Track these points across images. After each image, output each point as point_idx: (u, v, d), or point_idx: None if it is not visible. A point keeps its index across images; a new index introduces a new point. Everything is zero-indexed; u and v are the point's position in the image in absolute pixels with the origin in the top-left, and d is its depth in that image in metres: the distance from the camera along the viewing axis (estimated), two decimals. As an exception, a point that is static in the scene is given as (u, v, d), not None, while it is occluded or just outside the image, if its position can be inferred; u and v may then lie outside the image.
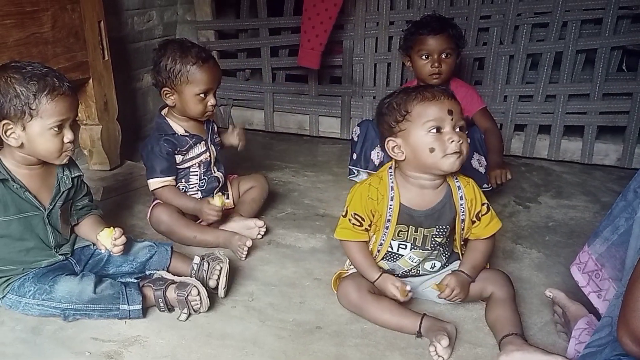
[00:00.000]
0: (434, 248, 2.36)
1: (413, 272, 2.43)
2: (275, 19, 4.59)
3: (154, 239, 2.79)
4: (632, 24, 3.90)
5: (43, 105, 2.13)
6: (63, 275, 2.29)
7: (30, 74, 2.14)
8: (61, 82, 2.18)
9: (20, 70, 2.14)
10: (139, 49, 4.30)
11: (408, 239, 2.35)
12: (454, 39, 3.37)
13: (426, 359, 2.13)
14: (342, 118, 4.62)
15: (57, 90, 2.16)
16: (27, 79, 2.12)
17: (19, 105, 2.11)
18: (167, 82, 2.88)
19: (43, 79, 2.14)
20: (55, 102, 2.15)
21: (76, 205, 2.49)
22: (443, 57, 3.32)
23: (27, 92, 2.11)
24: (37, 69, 2.17)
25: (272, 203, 3.35)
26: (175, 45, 2.92)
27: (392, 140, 2.25)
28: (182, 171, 3.02)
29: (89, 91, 3.46)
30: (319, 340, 2.22)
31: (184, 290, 2.27)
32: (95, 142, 3.57)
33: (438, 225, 2.31)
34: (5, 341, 2.18)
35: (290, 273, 2.69)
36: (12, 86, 2.11)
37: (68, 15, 3.20)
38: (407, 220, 2.31)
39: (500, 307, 2.27)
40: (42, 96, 2.12)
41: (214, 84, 2.91)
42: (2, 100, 2.12)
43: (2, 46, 2.81)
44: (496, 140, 3.45)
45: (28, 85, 2.11)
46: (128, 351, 2.14)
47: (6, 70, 2.16)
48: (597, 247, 2.01)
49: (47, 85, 2.14)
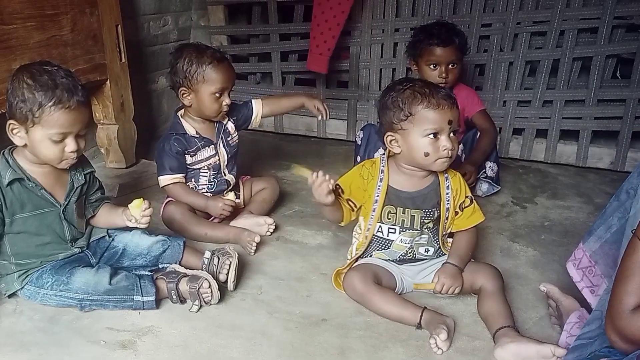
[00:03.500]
0: (422, 229, 2.38)
1: (409, 256, 2.44)
2: (285, 25, 4.59)
3: (167, 233, 2.80)
4: (626, 33, 3.90)
5: (46, 115, 2.09)
6: (80, 267, 2.29)
7: (43, 82, 2.09)
8: (70, 96, 2.11)
9: (35, 76, 2.10)
10: (154, 52, 4.31)
11: (397, 222, 2.38)
12: (460, 48, 3.40)
13: (426, 351, 2.13)
14: (349, 120, 4.62)
15: (63, 104, 2.09)
16: (37, 87, 2.08)
17: (23, 110, 2.09)
18: (184, 82, 2.88)
19: (53, 90, 2.08)
20: (58, 115, 2.10)
21: (89, 199, 2.48)
22: (450, 67, 3.35)
23: (33, 99, 2.07)
24: (53, 76, 2.11)
25: (280, 201, 3.35)
26: (191, 47, 2.93)
27: (392, 135, 2.29)
28: (192, 172, 3.02)
29: (106, 92, 3.47)
30: (325, 332, 2.22)
31: (196, 282, 2.27)
32: (112, 141, 3.58)
33: (425, 209, 2.35)
34: (24, 330, 2.18)
35: (297, 268, 2.69)
36: (22, 90, 2.08)
37: (87, 19, 3.21)
38: (395, 201, 2.36)
39: (491, 300, 2.28)
40: (47, 107, 2.08)
41: (229, 83, 2.91)
42: (12, 100, 2.12)
43: (24, 47, 2.82)
44: (487, 142, 3.48)
45: (36, 93, 2.07)
46: (142, 340, 2.14)
47: (24, 71, 2.13)
48: (591, 245, 2.02)
49: (54, 97, 2.08)
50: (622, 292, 1.52)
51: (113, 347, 2.10)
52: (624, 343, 1.53)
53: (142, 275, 2.33)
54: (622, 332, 1.52)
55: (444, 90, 2.26)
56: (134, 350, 2.09)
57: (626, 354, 1.53)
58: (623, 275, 1.54)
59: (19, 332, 2.17)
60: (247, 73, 4.86)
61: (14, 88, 2.11)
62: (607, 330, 1.58)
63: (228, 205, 2.94)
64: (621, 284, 1.54)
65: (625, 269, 1.54)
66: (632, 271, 1.52)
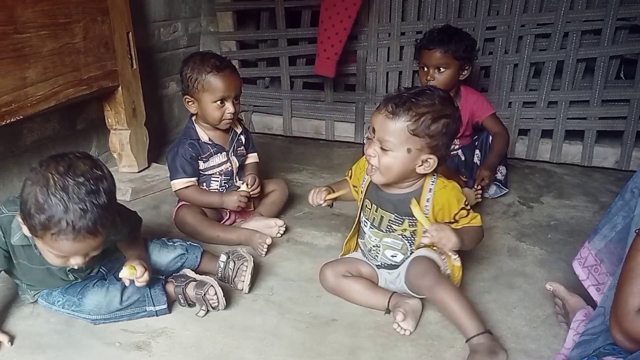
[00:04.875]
0: (389, 232, 2.34)
1: (374, 253, 2.42)
2: (293, 30, 4.60)
3: (180, 236, 2.82)
4: (629, 34, 3.88)
5: (48, 239, 1.84)
6: (91, 286, 2.25)
7: (53, 203, 1.78)
8: (69, 226, 1.80)
9: (50, 190, 1.79)
10: (165, 58, 4.32)
11: (369, 217, 2.39)
12: (454, 54, 3.34)
13: (435, 349, 2.14)
14: (356, 123, 4.63)
15: (67, 235, 1.82)
16: (44, 208, 1.79)
17: (29, 220, 1.84)
18: (188, 90, 2.90)
19: (61, 216, 1.79)
20: (60, 243, 1.85)
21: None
22: (438, 71, 3.35)
23: (37, 219, 1.81)
24: (69, 195, 1.79)
25: (290, 203, 3.36)
26: (197, 56, 2.94)
27: None
28: (204, 177, 3.03)
29: (118, 98, 3.48)
30: (335, 331, 2.22)
31: (202, 289, 2.27)
32: (125, 146, 3.59)
33: (396, 214, 2.30)
34: (41, 332, 2.20)
35: (307, 269, 2.70)
36: (30, 201, 1.81)
37: (99, 27, 3.22)
38: (372, 197, 2.37)
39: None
40: (49, 233, 1.82)
41: (231, 91, 2.89)
42: (22, 206, 1.85)
43: (37, 56, 2.83)
44: (501, 144, 3.46)
45: (41, 215, 1.80)
46: (156, 342, 2.16)
47: (42, 176, 1.82)
48: (597, 243, 2.02)
49: (57, 227, 1.80)
50: (627, 293, 1.53)
51: (128, 349, 2.12)
52: (629, 342, 1.54)
53: (153, 282, 2.28)
54: (627, 333, 1.52)
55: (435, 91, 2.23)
56: (149, 351, 2.11)
57: (630, 353, 1.53)
58: (627, 276, 1.55)
59: (36, 334, 2.19)
60: (256, 77, 4.87)
61: (26, 191, 1.84)
62: (612, 329, 1.59)
63: (243, 196, 2.94)
64: (626, 285, 1.54)
65: (630, 270, 1.54)
66: (636, 272, 1.53)
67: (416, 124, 2.08)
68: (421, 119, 2.08)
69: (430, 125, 2.08)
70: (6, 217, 2.02)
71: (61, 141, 3.42)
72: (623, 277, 1.56)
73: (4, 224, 2.02)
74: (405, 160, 2.14)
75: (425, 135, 2.09)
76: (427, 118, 2.08)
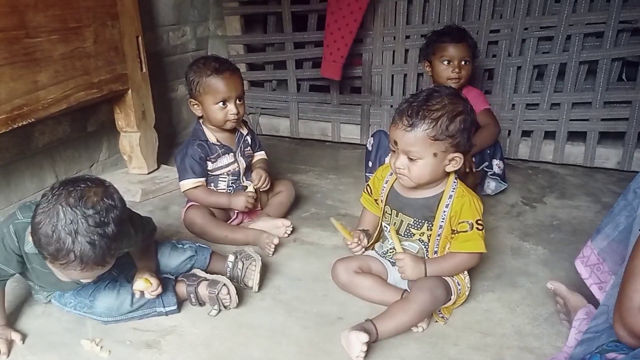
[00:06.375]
0: (408, 236, 2.36)
1: (389, 256, 2.44)
2: (299, 34, 4.60)
3: (189, 236, 2.83)
4: (631, 37, 3.88)
5: (49, 264, 1.88)
6: (102, 288, 2.24)
7: (61, 238, 1.77)
8: (77, 259, 1.80)
9: (60, 224, 1.77)
10: (174, 62, 4.33)
11: (390, 222, 2.40)
12: (472, 48, 3.44)
13: (439, 347, 2.14)
14: (362, 125, 4.63)
15: (68, 272, 1.88)
16: (50, 242, 1.78)
17: (35, 238, 1.83)
18: (192, 93, 2.93)
19: (66, 254, 1.79)
20: (63, 268, 1.85)
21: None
22: (462, 64, 3.37)
23: (40, 249, 1.84)
24: (77, 232, 1.77)
25: (297, 204, 3.36)
26: (200, 60, 2.96)
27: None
28: (211, 177, 3.04)
29: (128, 101, 3.49)
30: (341, 329, 2.20)
31: (215, 288, 2.28)
32: (134, 148, 3.60)
33: (416, 218, 2.32)
34: (53, 331, 2.21)
35: (314, 268, 2.71)
36: (39, 231, 1.80)
37: (108, 31, 3.23)
38: (393, 203, 2.39)
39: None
40: (51, 263, 1.86)
41: (231, 92, 2.89)
42: (33, 237, 1.85)
43: (48, 60, 2.84)
44: (486, 135, 3.39)
45: (48, 247, 1.80)
46: (165, 340, 2.16)
47: (56, 202, 1.80)
48: (599, 243, 2.02)
49: (59, 261, 1.82)
50: (631, 290, 1.53)
51: (138, 347, 2.12)
52: (632, 338, 1.54)
53: (163, 281, 2.28)
54: (630, 328, 1.52)
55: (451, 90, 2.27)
56: (159, 349, 2.11)
57: (633, 349, 1.53)
58: (631, 273, 1.55)
59: (48, 332, 2.20)
60: (264, 80, 4.88)
61: (37, 219, 1.82)
62: (615, 325, 1.59)
63: (251, 197, 2.96)
64: (630, 282, 1.54)
65: (634, 267, 1.55)
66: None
67: (435, 130, 2.11)
68: (438, 123, 2.11)
69: (448, 126, 2.11)
70: (21, 224, 2.00)
71: (72, 143, 3.43)
72: (627, 274, 1.56)
73: (19, 231, 2.01)
74: (434, 165, 2.18)
75: (446, 137, 2.12)
76: (444, 121, 2.11)
